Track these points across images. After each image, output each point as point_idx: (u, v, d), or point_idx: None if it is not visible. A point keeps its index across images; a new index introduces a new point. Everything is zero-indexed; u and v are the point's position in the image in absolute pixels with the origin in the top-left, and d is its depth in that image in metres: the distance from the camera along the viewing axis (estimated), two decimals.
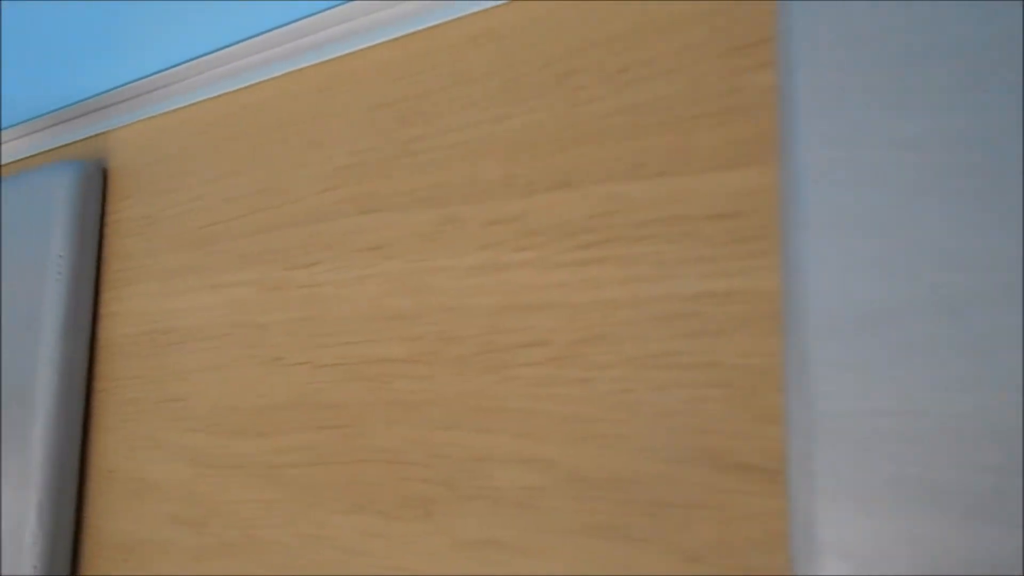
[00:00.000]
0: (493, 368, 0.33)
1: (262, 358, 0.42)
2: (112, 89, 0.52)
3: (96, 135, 0.55)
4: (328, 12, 0.41)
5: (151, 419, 0.48)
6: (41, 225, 0.51)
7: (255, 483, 0.42)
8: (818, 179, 0.25)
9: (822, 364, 0.24)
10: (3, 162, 0.60)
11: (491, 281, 0.34)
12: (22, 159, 0.59)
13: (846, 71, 0.25)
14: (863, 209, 0.24)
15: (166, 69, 0.49)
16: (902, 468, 0.22)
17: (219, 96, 0.47)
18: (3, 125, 0.58)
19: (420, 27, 0.38)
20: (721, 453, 0.28)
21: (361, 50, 0.40)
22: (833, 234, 0.24)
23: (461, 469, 0.34)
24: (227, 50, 0.46)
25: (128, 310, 0.50)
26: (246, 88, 0.46)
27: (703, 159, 0.29)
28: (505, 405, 0.33)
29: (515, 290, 0.33)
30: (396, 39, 0.39)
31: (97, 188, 0.52)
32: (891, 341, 0.23)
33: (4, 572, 0.49)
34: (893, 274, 0.23)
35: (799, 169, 0.25)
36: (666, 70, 0.30)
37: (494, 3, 0.35)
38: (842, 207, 0.24)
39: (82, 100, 0.54)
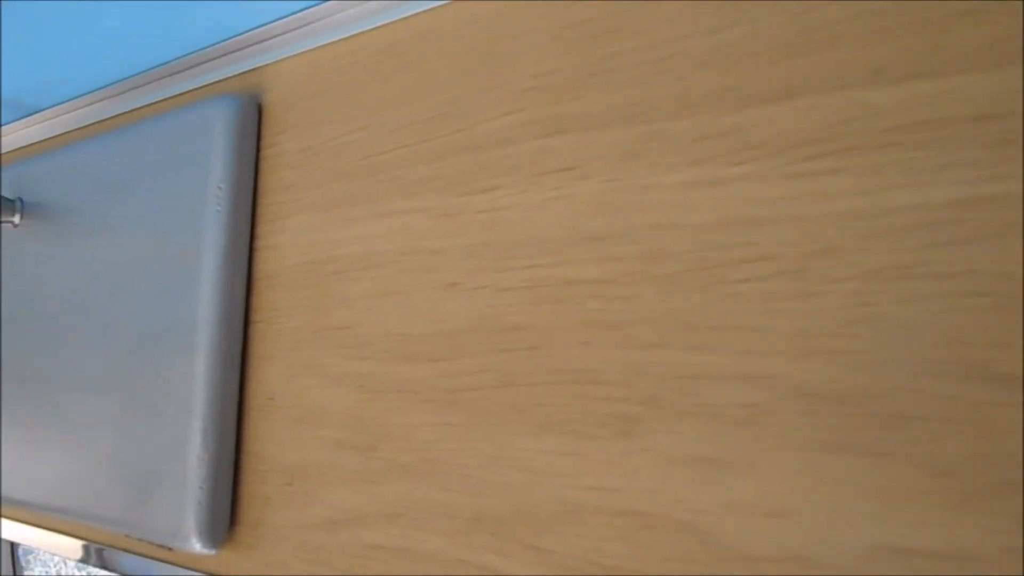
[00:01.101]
0: (707, 285, 0.33)
1: (436, 284, 0.43)
2: (267, 24, 0.53)
3: (248, 71, 0.55)
4: None
5: (312, 347, 0.49)
6: (201, 157, 0.52)
7: (430, 407, 0.42)
8: None
9: None
10: (161, 98, 0.61)
11: (704, 197, 0.33)
12: (176, 96, 0.61)
13: None
14: None
15: (323, 2, 0.49)
16: None
17: (386, 25, 0.47)
18: (152, 64, 0.59)
19: None
20: (976, 365, 0.27)
21: None
22: None
23: (668, 387, 0.33)
24: None
25: (287, 242, 0.51)
26: (418, 15, 0.45)
27: (959, 60, 0.28)
28: (721, 322, 0.32)
29: (732, 205, 0.32)
30: None
31: (253, 121, 0.53)
32: None
33: (173, 489, 0.51)
34: None
35: None
36: None
37: None
38: None
39: (235, 36, 0.54)
